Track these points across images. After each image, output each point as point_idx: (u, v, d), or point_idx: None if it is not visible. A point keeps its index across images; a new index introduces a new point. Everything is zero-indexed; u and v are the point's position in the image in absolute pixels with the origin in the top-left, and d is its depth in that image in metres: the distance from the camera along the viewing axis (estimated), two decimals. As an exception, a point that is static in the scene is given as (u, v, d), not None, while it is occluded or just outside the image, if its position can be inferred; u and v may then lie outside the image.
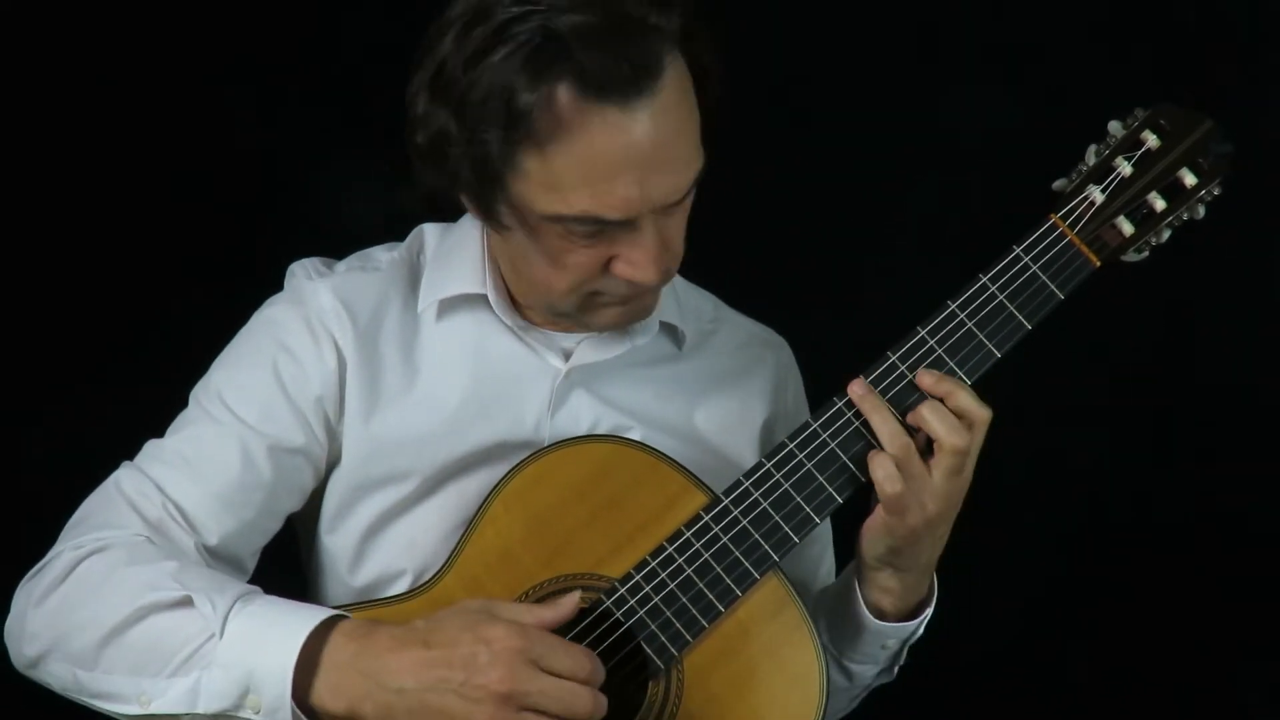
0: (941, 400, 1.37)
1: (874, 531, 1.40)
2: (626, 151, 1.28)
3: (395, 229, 1.56)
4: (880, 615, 1.46)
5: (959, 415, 1.36)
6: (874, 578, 1.44)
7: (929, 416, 1.36)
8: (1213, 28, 2.20)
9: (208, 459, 1.39)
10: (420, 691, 1.24)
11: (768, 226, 2.21)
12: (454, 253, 1.49)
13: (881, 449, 1.37)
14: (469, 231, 1.50)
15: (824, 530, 1.63)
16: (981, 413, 1.37)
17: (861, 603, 1.45)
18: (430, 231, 1.53)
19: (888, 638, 1.48)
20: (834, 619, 1.51)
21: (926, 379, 1.38)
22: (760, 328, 1.64)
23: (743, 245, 2.02)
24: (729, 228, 1.60)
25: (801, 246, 2.23)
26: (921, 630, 1.50)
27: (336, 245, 1.55)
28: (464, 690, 1.24)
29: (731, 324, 1.62)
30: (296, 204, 2.17)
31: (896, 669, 1.55)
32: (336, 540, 1.46)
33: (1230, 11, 2.22)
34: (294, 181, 2.18)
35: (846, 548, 1.48)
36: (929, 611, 1.48)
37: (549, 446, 1.42)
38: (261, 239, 2.09)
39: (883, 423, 1.37)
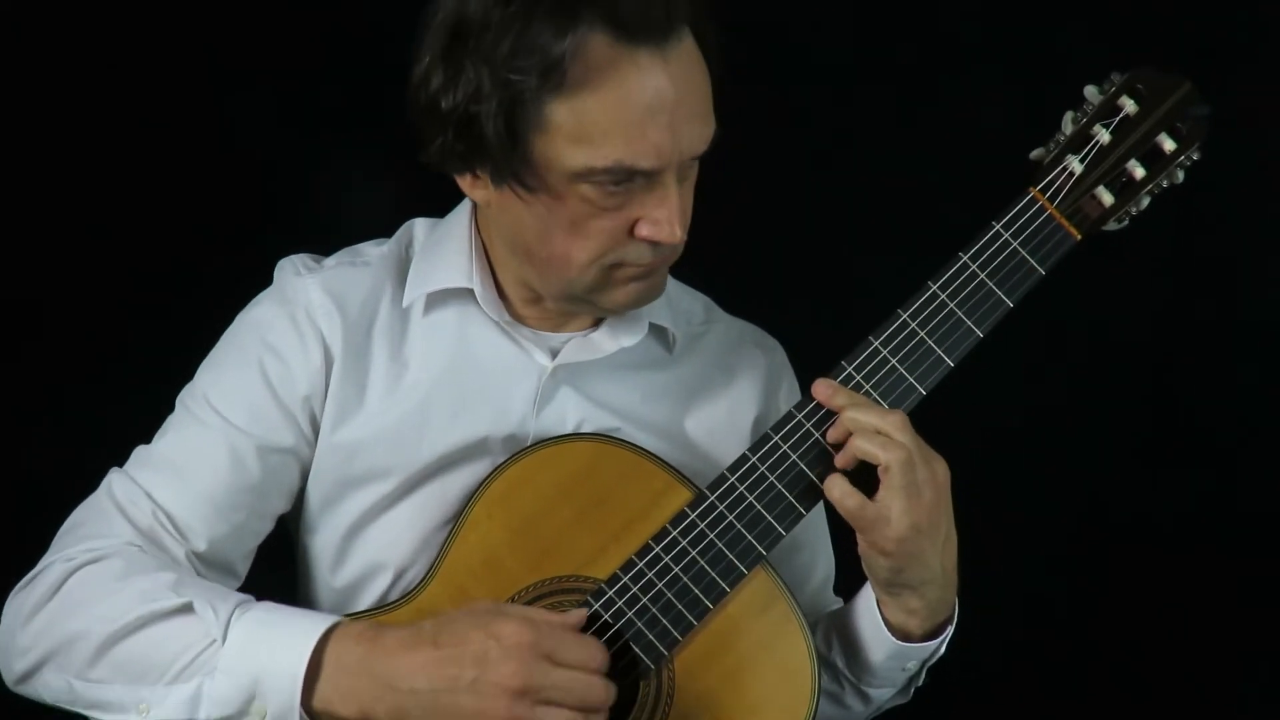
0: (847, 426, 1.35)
1: (865, 555, 1.37)
2: (658, 96, 1.28)
3: (395, 229, 1.54)
4: (906, 637, 1.42)
5: (876, 432, 1.34)
6: (895, 600, 1.40)
7: (862, 445, 1.34)
8: (1214, 27, 2.18)
9: (196, 463, 1.38)
10: (434, 692, 1.23)
11: (758, 227, 2.19)
12: (441, 245, 1.47)
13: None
14: (457, 224, 1.48)
15: (812, 537, 1.59)
16: (890, 419, 1.34)
17: (884, 626, 1.41)
18: (420, 225, 1.52)
19: (909, 659, 1.44)
20: (852, 645, 1.46)
21: (822, 390, 1.37)
22: (753, 329, 1.62)
23: (733, 247, 2.00)
24: (719, 228, 1.58)
25: (791, 246, 2.21)
26: (943, 649, 1.46)
27: (336, 247, 1.53)
28: (477, 687, 1.23)
29: (723, 325, 1.60)
30: (295, 205, 2.16)
31: (913, 690, 1.52)
32: (318, 539, 1.45)
33: (1231, 11, 2.20)
34: (293, 183, 2.17)
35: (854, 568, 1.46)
36: (949, 630, 1.44)
37: (530, 447, 1.40)
38: (261, 242, 2.08)
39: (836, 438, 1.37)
